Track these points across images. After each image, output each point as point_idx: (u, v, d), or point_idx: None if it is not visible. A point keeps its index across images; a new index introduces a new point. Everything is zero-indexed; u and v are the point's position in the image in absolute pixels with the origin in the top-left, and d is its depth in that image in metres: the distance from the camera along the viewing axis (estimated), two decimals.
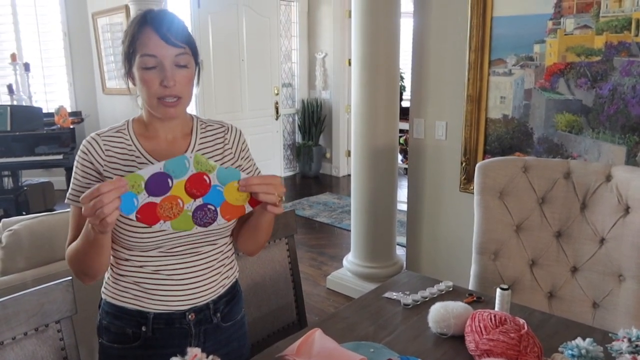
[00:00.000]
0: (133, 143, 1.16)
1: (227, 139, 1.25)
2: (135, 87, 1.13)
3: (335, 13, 6.13)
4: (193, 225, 1.05)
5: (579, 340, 1.13)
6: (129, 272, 1.16)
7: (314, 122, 6.44)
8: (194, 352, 0.92)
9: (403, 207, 3.31)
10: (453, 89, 2.67)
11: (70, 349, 1.22)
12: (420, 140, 2.89)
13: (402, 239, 3.37)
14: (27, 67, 4.83)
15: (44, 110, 4.60)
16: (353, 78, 3.15)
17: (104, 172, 1.12)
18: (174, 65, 1.08)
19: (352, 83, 3.19)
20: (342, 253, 3.84)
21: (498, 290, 1.38)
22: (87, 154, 1.13)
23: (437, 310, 1.34)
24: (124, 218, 1.08)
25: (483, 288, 1.84)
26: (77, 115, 4.98)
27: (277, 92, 5.66)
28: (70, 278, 1.21)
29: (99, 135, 1.15)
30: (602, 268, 1.74)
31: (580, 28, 2.22)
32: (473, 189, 1.96)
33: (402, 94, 5.76)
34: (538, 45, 2.34)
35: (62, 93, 5.79)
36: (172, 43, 1.07)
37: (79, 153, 1.15)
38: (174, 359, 0.90)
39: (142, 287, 1.16)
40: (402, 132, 4.23)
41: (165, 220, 1.01)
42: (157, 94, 1.09)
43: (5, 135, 4.12)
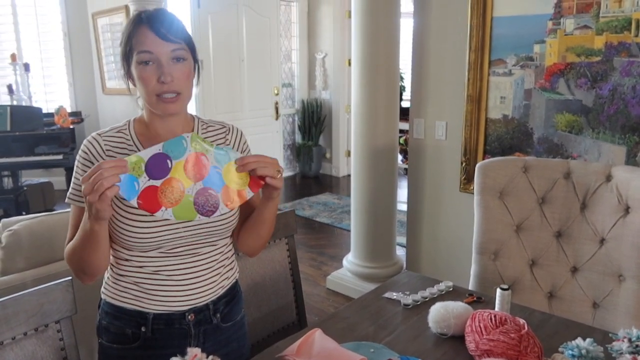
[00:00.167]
0: (134, 143, 1.16)
1: (228, 140, 1.25)
2: (135, 87, 1.12)
3: (335, 13, 6.14)
4: (195, 214, 1.04)
5: (579, 341, 1.13)
6: (129, 272, 1.16)
7: (314, 122, 6.44)
8: (194, 352, 0.92)
9: (403, 207, 3.31)
10: (453, 89, 2.67)
11: (70, 349, 1.22)
12: (420, 140, 2.89)
13: (402, 239, 3.36)
14: (27, 67, 4.83)
15: (44, 111, 4.60)
16: (353, 78, 3.15)
17: None
18: (171, 61, 1.08)
19: (352, 83, 3.19)
20: (342, 253, 3.84)
21: (498, 291, 1.38)
22: (87, 154, 1.13)
23: (437, 311, 1.34)
24: (124, 215, 1.08)
25: (483, 288, 1.84)
26: (77, 116, 4.98)
27: (277, 92, 5.66)
28: (70, 278, 1.21)
29: (100, 135, 1.15)
30: (602, 268, 1.74)
31: (580, 28, 2.22)
32: (473, 189, 1.96)
33: (402, 94, 5.76)
34: (538, 46, 2.34)
35: (62, 93, 5.79)
36: (167, 39, 1.07)
37: (80, 153, 1.15)
38: (174, 359, 0.91)
39: (141, 287, 1.16)
40: (402, 132, 4.23)
41: (167, 207, 1.01)
42: (155, 91, 1.08)
43: (5, 135, 4.13)
